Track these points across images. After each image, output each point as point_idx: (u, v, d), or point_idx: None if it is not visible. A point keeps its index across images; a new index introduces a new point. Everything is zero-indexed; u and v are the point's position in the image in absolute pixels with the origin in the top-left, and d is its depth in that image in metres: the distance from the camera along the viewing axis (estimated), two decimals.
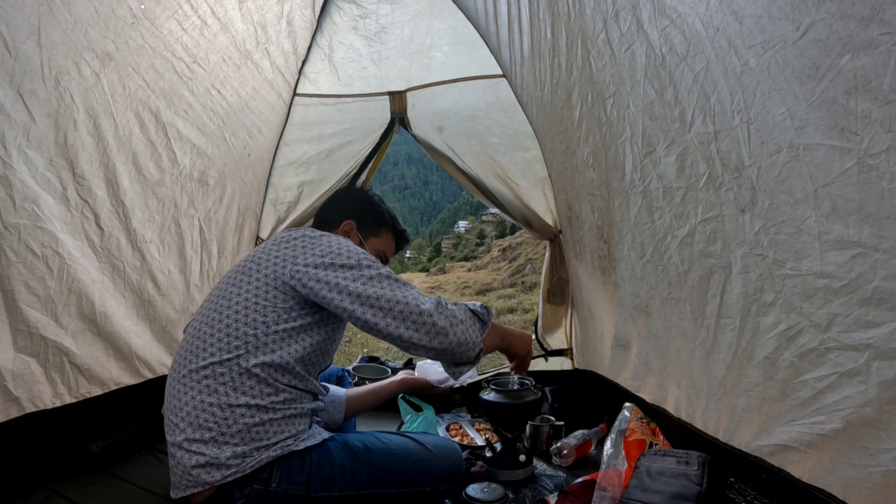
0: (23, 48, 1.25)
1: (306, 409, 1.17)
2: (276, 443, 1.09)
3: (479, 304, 1.21)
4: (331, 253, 1.11)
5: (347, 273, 1.08)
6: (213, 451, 1.03)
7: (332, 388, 1.56)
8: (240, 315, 1.08)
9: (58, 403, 1.43)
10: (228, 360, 1.05)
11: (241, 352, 1.05)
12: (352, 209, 1.42)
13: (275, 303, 1.09)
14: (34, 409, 1.36)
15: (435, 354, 1.10)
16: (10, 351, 1.31)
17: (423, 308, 1.04)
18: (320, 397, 1.28)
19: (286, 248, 1.14)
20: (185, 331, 1.21)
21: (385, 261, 1.47)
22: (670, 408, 1.50)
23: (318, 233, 1.19)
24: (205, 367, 1.06)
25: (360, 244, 1.38)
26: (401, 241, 1.52)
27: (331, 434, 1.20)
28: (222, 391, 1.05)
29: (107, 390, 1.57)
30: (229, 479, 1.03)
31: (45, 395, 1.40)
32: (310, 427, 1.19)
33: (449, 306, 1.10)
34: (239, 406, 1.05)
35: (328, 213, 1.43)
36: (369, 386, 1.69)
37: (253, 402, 1.06)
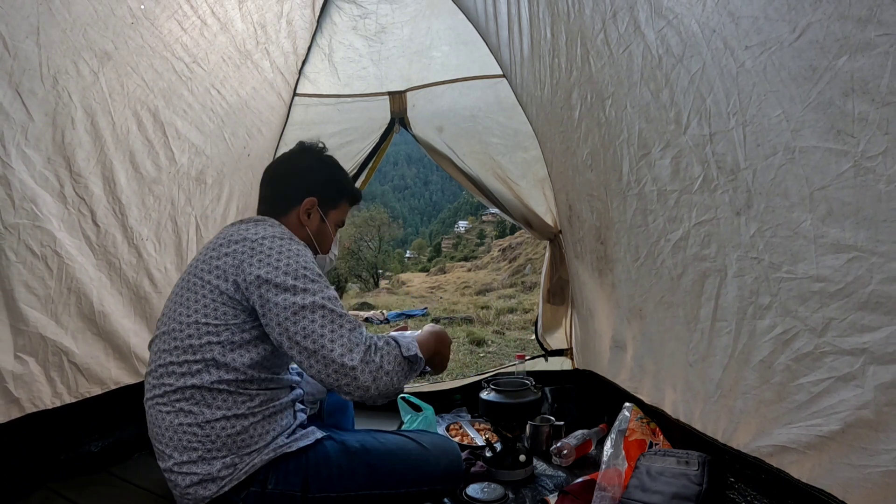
0: (22, 47, 1.26)
1: (285, 403, 1.16)
2: (267, 444, 1.09)
3: (412, 344, 1.09)
4: (268, 265, 1.03)
5: (279, 298, 1.01)
6: (204, 468, 1.04)
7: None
8: (193, 339, 1.04)
9: (57, 403, 1.44)
10: (194, 383, 1.04)
11: (205, 374, 1.04)
12: (312, 184, 1.29)
13: (225, 319, 1.05)
14: (34, 410, 1.37)
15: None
16: (10, 351, 1.32)
17: (347, 363, 0.98)
18: (297, 384, 1.25)
19: (226, 256, 1.08)
20: (150, 347, 1.17)
21: (342, 225, 1.40)
22: (668, 409, 1.50)
23: (260, 235, 1.10)
24: (173, 392, 1.05)
25: (322, 220, 1.30)
26: (354, 203, 1.42)
27: (326, 433, 1.19)
28: (197, 411, 1.03)
29: (106, 390, 1.58)
30: (225, 488, 1.04)
31: (45, 394, 1.41)
32: (295, 418, 1.19)
33: (376, 359, 1.01)
34: (217, 420, 1.04)
35: (287, 187, 1.29)
36: None
37: (230, 413, 1.05)
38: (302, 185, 1.29)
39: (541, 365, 2.44)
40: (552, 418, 1.91)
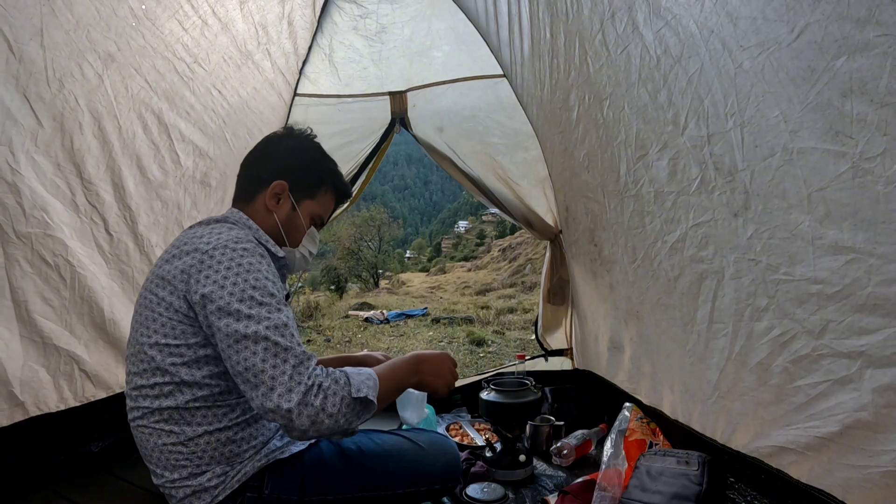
0: (27, 50, 1.26)
1: None
2: (258, 450, 1.08)
3: (364, 384, 0.97)
4: (214, 283, 0.96)
5: (221, 323, 0.93)
6: (195, 480, 1.03)
7: None
8: (158, 361, 1.01)
9: (62, 407, 1.44)
10: (168, 405, 1.02)
11: (178, 395, 1.02)
12: (285, 165, 1.17)
13: (185, 339, 1.00)
14: (38, 413, 1.38)
15: None
16: (19, 359, 1.32)
17: (283, 405, 0.89)
18: None
19: (176, 269, 1.00)
20: (127, 347, 1.12)
21: (321, 223, 1.28)
22: (666, 410, 1.50)
23: (211, 245, 1.00)
24: (151, 413, 1.02)
25: (293, 208, 1.18)
26: (341, 199, 1.29)
27: None
28: (178, 430, 1.01)
29: (111, 393, 1.58)
30: (220, 497, 1.04)
31: (51, 399, 1.41)
32: None
33: (315, 402, 0.90)
34: (200, 436, 1.02)
35: (258, 167, 1.19)
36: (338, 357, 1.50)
37: (212, 427, 1.03)
38: (273, 165, 1.17)
39: (541, 365, 2.44)
40: (552, 418, 1.91)
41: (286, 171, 1.17)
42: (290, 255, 1.20)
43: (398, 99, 2.36)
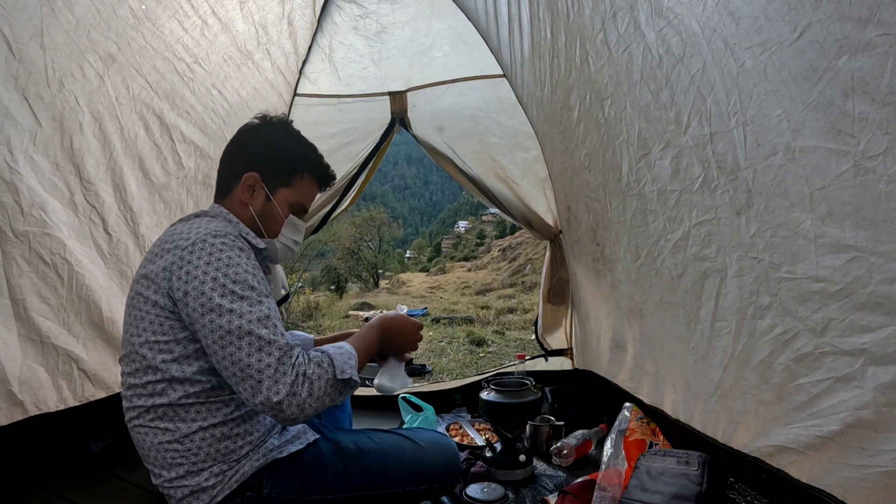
0: (26, 50, 1.26)
1: None
2: (255, 447, 1.08)
3: (346, 365, 1.00)
4: (195, 280, 0.96)
5: (206, 319, 0.94)
6: (193, 480, 1.03)
7: (296, 334, 1.44)
8: (149, 359, 1.01)
9: (62, 407, 1.44)
10: (162, 402, 1.02)
11: (170, 392, 1.01)
12: (257, 156, 1.16)
13: (174, 334, 1.00)
14: (38, 412, 1.37)
15: None
16: (18, 358, 1.32)
17: (272, 398, 0.91)
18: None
19: (158, 268, 1.01)
20: (121, 349, 1.12)
21: (303, 211, 1.24)
22: (667, 409, 1.50)
23: (191, 240, 1.00)
24: (146, 412, 1.02)
25: (267, 199, 1.16)
26: (323, 183, 1.26)
27: (319, 434, 1.18)
28: (173, 427, 1.02)
29: (110, 393, 1.58)
30: (219, 497, 1.03)
31: (51, 399, 1.41)
32: None
33: (302, 392, 0.92)
34: (194, 433, 1.02)
35: (233, 160, 1.18)
36: (337, 334, 1.49)
37: (206, 423, 1.02)
38: (245, 157, 1.16)
39: (541, 365, 2.44)
40: (552, 418, 1.91)
41: (258, 162, 1.16)
42: (272, 247, 1.20)
43: (398, 99, 2.36)
